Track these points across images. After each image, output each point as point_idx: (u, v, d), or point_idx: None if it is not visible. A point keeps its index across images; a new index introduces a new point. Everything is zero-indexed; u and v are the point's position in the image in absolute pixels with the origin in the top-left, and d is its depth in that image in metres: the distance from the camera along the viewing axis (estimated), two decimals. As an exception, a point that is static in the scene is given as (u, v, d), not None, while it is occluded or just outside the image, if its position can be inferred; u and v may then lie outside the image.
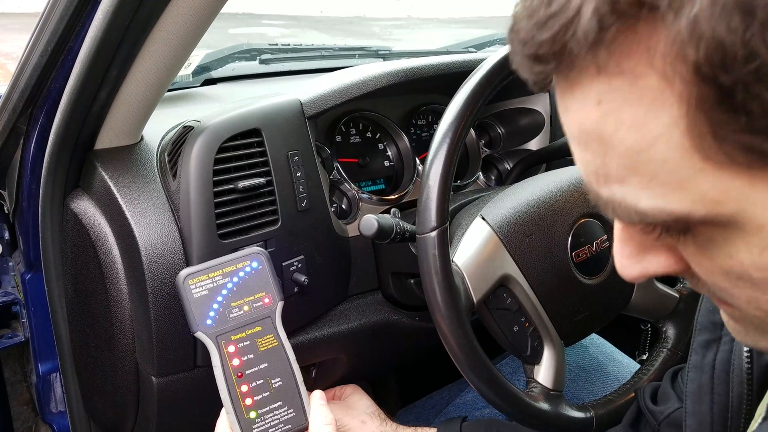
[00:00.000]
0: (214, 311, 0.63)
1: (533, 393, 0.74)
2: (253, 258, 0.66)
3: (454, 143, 0.67)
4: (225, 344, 0.62)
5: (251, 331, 0.63)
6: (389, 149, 1.00)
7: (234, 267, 0.64)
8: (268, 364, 0.63)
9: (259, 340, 0.63)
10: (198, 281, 0.63)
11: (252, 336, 0.63)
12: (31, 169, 0.92)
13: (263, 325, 0.64)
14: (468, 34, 1.77)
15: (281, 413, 0.63)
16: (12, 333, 1.13)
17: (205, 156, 0.73)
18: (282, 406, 0.63)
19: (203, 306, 0.62)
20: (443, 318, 0.65)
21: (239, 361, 0.62)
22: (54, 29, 0.72)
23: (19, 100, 0.84)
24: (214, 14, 0.62)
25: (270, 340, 0.64)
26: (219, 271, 0.64)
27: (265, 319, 0.64)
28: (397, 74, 0.90)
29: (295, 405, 0.63)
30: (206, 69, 1.19)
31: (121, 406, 0.83)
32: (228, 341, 0.62)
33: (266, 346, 0.63)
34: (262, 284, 0.65)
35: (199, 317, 0.62)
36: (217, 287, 0.63)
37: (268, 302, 0.65)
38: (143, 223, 0.72)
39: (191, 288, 0.63)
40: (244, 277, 0.65)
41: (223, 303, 0.63)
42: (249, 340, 0.63)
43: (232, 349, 0.62)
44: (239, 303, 0.64)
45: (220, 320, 0.63)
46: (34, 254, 0.99)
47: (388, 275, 0.89)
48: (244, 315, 0.64)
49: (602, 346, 1.04)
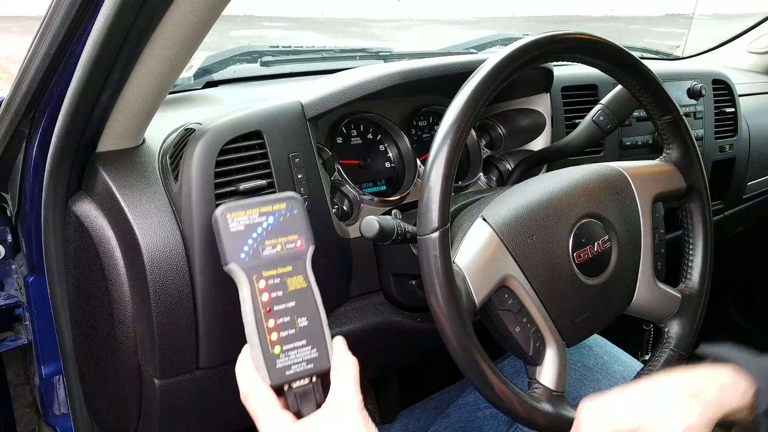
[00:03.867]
0: (248, 246, 0.63)
1: (535, 394, 0.74)
2: (289, 201, 0.67)
3: (455, 144, 0.67)
4: (256, 279, 0.63)
5: (282, 270, 0.64)
6: (390, 150, 1.00)
7: (271, 208, 0.65)
8: (296, 303, 0.64)
9: (289, 279, 0.64)
10: (235, 216, 0.64)
11: (282, 275, 0.64)
12: (34, 172, 0.92)
13: (294, 265, 0.65)
14: (469, 35, 1.77)
15: (305, 352, 0.63)
16: (15, 336, 1.14)
17: (206, 158, 0.73)
18: (306, 345, 0.63)
19: (238, 240, 0.63)
20: (445, 319, 0.65)
21: (268, 296, 0.63)
22: (56, 33, 0.72)
23: (22, 103, 0.84)
24: (215, 17, 0.63)
25: (299, 281, 0.64)
26: (256, 209, 0.65)
27: (296, 260, 0.65)
28: (398, 76, 0.90)
29: (319, 346, 0.63)
30: (207, 71, 1.19)
31: (124, 408, 0.83)
32: (259, 276, 0.63)
33: (295, 287, 0.64)
34: (296, 227, 0.66)
35: (234, 251, 0.63)
36: (253, 224, 0.64)
37: (300, 245, 0.65)
38: (145, 225, 0.72)
39: (228, 222, 0.63)
40: (279, 218, 0.65)
41: (257, 240, 0.64)
42: (279, 278, 0.64)
43: (262, 285, 0.63)
44: (273, 242, 0.64)
45: (254, 255, 0.63)
46: (37, 257, 0.99)
47: (389, 276, 0.89)
48: (277, 254, 0.64)
49: (606, 346, 1.04)
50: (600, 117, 0.98)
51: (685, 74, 1.46)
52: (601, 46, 0.80)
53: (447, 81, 0.95)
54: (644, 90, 0.85)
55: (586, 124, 1.00)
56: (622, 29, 10.14)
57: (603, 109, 0.98)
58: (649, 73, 0.84)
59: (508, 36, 1.63)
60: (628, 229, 0.82)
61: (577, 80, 1.18)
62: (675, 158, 0.88)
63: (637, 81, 0.84)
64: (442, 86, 0.99)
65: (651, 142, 1.30)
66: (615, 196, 0.82)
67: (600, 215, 0.79)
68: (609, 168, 0.85)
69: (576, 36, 0.78)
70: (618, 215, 0.81)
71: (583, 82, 1.19)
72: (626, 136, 1.27)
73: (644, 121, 1.29)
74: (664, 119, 0.86)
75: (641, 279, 0.83)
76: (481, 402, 0.96)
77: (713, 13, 5.35)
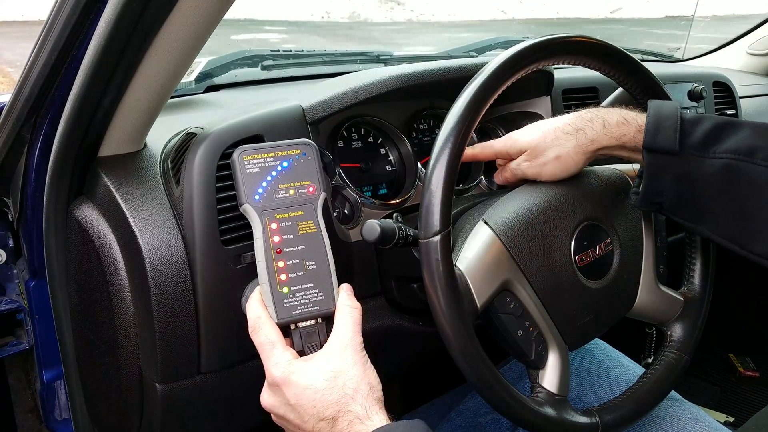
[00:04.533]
0: (262, 188, 0.66)
1: (538, 398, 0.73)
2: (304, 147, 0.69)
3: (456, 147, 0.67)
4: (269, 220, 0.65)
5: (294, 213, 0.66)
6: (391, 154, 1.00)
7: (285, 152, 0.68)
8: (306, 246, 0.66)
9: (300, 223, 0.66)
10: (251, 158, 0.66)
11: (294, 219, 0.66)
12: (35, 177, 0.92)
13: (305, 210, 0.67)
14: (469, 38, 1.78)
15: (312, 294, 0.65)
16: (16, 340, 1.14)
17: (208, 163, 0.73)
18: (313, 288, 0.65)
19: (253, 182, 0.66)
20: (446, 322, 0.65)
21: (279, 238, 0.65)
22: (57, 38, 0.72)
23: (23, 108, 0.84)
24: (216, 21, 0.63)
25: (310, 226, 0.67)
26: (272, 153, 0.67)
27: (308, 205, 0.67)
28: (399, 79, 0.90)
29: (325, 289, 0.66)
30: (209, 76, 1.19)
31: (125, 413, 0.83)
32: (272, 218, 0.65)
33: (305, 231, 0.66)
34: (309, 173, 0.68)
35: (248, 192, 0.65)
36: (267, 167, 0.67)
37: (312, 191, 0.68)
38: (146, 230, 0.72)
39: (245, 163, 0.66)
40: (293, 163, 0.68)
41: (271, 183, 0.66)
42: (291, 222, 0.66)
43: (274, 226, 0.65)
44: (286, 186, 0.67)
45: (267, 197, 0.66)
46: (39, 262, 1.00)
47: (390, 280, 0.89)
48: (289, 198, 0.67)
49: (607, 350, 1.04)
50: (601, 120, 0.98)
51: (685, 76, 1.46)
52: (601, 49, 0.80)
53: (448, 84, 0.95)
54: (645, 93, 0.85)
55: (587, 127, 1.00)
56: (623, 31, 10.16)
57: (604, 112, 0.98)
58: (650, 76, 0.84)
59: (509, 39, 1.63)
60: (629, 232, 0.82)
61: (578, 83, 1.18)
62: (676, 161, 0.88)
63: (637, 84, 0.84)
64: (443, 89, 0.99)
65: (652, 145, 1.30)
66: (616, 199, 0.82)
67: (601, 218, 0.79)
68: (610, 171, 0.85)
69: (576, 39, 0.78)
70: (620, 218, 0.81)
71: (584, 84, 1.19)
72: (627, 138, 1.26)
73: (645, 123, 1.29)
74: (666, 122, 0.86)
75: (643, 282, 0.83)
76: (483, 406, 0.95)
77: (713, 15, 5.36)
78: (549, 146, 0.79)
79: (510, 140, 0.84)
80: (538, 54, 0.74)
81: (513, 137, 0.84)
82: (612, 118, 0.78)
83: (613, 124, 0.77)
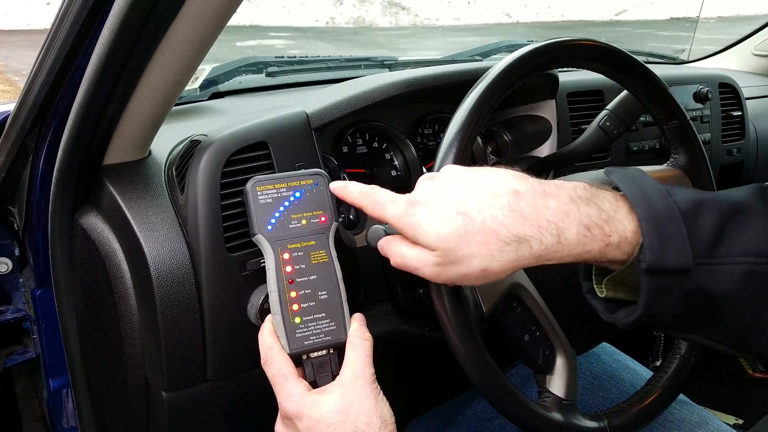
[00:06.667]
0: (275, 219, 0.67)
1: (545, 403, 0.73)
2: (316, 178, 0.70)
3: (460, 151, 0.66)
4: (281, 250, 0.66)
5: (306, 243, 0.67)
6: (396, 159, 1.00)
7: (298, 183, 0.68)
8: (317, 276, 0.66)
9: (312, 253, 0.67)
10: (264, 189, 0.67)
11: (306, 248, 0.67)
12: (41, 185, 0.93)
13: (317, 240, 0.67)
14: (474, 42, 1.78)
15: (323, 324, 0.65)
16: (23, 349, 1.14)
17: (212, 170, 0.73)
18: (325, 318, 0.65)
19: (266, 212, 0.67)
20: (453, 328, 0.64)
21: (291, 268, 0.65)
22: (61, 46, 0.73)
23: (28, 116, 0.84)
24: (220, 28, 0.63)
25: (322, 255, 0.67)
26: (284, 183, 0.68)
27: (320, 235, 0.68)
28: (403, 84, 0.90)
29: (337, 319, 0.66)
30: (213, 83, 1.19)
31: (132, 421, 0.83)
32: (284, 248, 0.66)
33: (317, 260, 0.67)
34: (320, 203, 0.69)
35: (261, 222, 0.66)
36: (280, 198, 0.67)
37: (324, 221, 0.68)
38: (151, 237, 0.72)
39: (258, 194, 0.67)
40: (305, 194, 0.68)
41: (284, 213, 0.67)
42: (303, 251, 0.66)
43: (287, 256, 0.66)
44: (298, 216, 0.68)
45: (280, 228, 0.66)
46: (44, 270, 1.00)
47: (397, 285, 0.89)
48: (302, 228, 0.67)
49: (614, 354, 1.03)
50: (606, 122, 0.98)
51: (691, 78, 1.45)
52: (606, 51, 0.80)
53: (452, 89, 0.95)
54: (650, 95, 0.84)
55: (593, 130, 0.99)
56: (628, 34, 10.14)
57: (609, 115, 0.97)
58: (655, 78, 0.84)
59: (513, 42, 1.63)
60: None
61: (583, 86, 1.18)
62: (682, 163, 0.87)
63: (643, 86, 0.84)
64: (447, 94, 0.99)
65: (658, 147, 1.30)
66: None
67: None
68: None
69: (581, 42, 0.77)
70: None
71: (589, 87, 1.19)
72: (633, 141, 1.26)
73: (651, 126, 1.28)
74: (671, 124, 0.85)
75: (651, 285, 0.82)
76: (490, 411, 0.95)
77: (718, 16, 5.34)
78: (473, 254, 0.54)
79: (409, 221, 0.56)
80: (542, 58, 0.74)
81: (417, 220, 0.56)
82: (571, 226, 0.54)
83: (572, 238, 0.54)
